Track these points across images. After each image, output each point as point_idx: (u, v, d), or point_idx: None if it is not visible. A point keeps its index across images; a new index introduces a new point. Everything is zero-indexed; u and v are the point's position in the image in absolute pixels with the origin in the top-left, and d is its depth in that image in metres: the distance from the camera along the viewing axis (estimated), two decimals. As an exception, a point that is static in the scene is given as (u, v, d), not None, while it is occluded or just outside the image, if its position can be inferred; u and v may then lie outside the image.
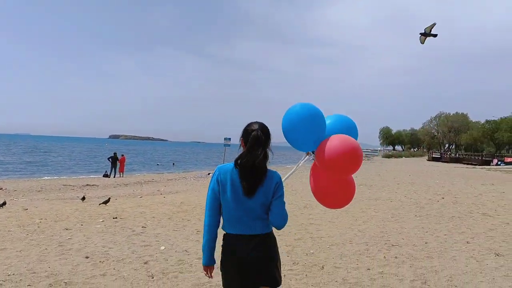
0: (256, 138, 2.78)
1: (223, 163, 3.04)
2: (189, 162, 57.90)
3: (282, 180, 2.94)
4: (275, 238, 2.94)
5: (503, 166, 53.11)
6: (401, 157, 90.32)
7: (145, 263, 5.85)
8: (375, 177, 25.20)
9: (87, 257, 6.03)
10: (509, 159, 59.75)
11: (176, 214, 9.73)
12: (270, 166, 2.94)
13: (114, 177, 26.97)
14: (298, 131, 3.40)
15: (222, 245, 2.88)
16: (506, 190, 17.85)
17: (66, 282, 4.93)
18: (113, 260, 5.93)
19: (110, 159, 27.87)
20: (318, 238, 7.59)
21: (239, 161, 2.81)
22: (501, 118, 66.73)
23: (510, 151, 69.41)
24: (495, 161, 59.02)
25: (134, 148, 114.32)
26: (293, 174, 3.81)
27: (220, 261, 2.88)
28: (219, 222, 2.90)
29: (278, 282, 2.85)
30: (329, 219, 9.62)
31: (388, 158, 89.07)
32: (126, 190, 17.53)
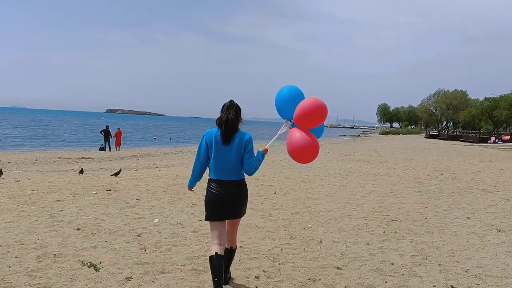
0: (227, 104, 3.94)
1: None
2: (186, 137, 57.61)
3: (268, 144, 4.33)
4: (246, 184, 4.01)
5: (500, 144, 53.07)
6: (399, 134, 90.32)
7: (138, 235, 5.67)
8: (372, 153, 25.04)
9: (78, 229, 5.85)
10: (506, 137, 59.64)
11: (171, 187, 9.55)
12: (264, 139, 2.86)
13: (110, 150, 26.73)
14: (283, 105, 4.45)
15: (206, 187, 3.97)
16: (504, 167, 17.74)
17: (55, 254, 4.75)
18: (105, 232, 5.75)
19: (103, 132, 27.54)
20: (316, 213, 7.43)
21: (217, 121, 3.89)
22: (500, 95, 66.40)
23: (507, 129, 69.32)
24: (492, 138, 58.91)
25: (131, 122, 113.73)
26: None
27: (204, 198, 4.00)
28: (204, 171, 4.01)
29: (242, 214, 4.03)
30: (327, 193, 9.46)
31: (385, 135, 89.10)
32: (122, 163, 17.31)
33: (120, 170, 11.77)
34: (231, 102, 3.96)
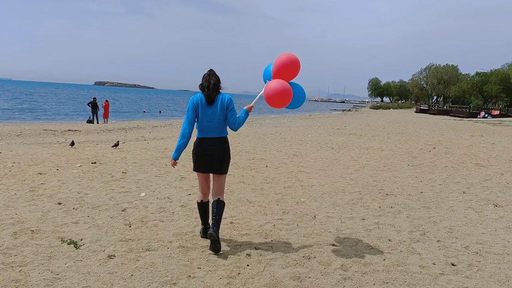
0: (208, 72, 4.33)
1: None
2: (176, 110, 56.91)
3: (252, 102, 4.55)
4: (228, 141, 4.39)
5: (490, 119, 53.34)
6: (389, 108, 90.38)
7: (123, 210, 5.39)
8: (364, 127, 24.87)
9: (59, 203, 5.55)
10: (496, 112, 59.90)
11: (160, 160, 9.24)
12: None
13: (97, 122, 26.22)
14: (266, 74, 4.85)
15: (194, 143, 4.35)
16: (496, 141, 17.68)
17: (33, 231, 4.46)
18: (88, 207, 5.46)
19: (90, 105, 26.96)
20: (309, 187, 7.20)
21: (200, 86, 4.29)
22: (491, 70, 66.28)
23: (496, 104, 69.52)
24: (482, 113, 59.17)
25: (120, 95, 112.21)
26: (282, 124, 5.44)
27: (192, 153, 4.38)
28: (191, 133, 4.28)
29: (224, 171, 4.39)
30: (320, 167, 9.24)
31: (376, 109, 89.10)
32: (109, 136, 16.91)
33: (118, 141, 11.62)
34: (211, 70, 4.36)
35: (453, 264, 4.04)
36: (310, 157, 10.63)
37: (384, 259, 4.10)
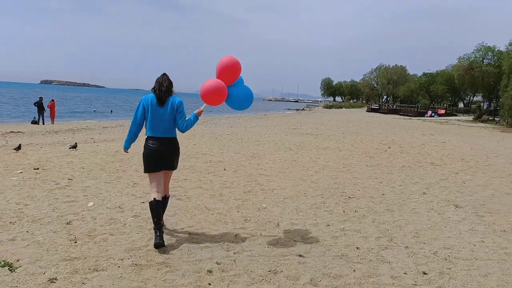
0: (161, 76, 4.52)
1: None
2: (129, 110, 55.23)
3: (202, 107, 4.72)
4: (177, 141, 4.58)
5: (437, 118, 55.57)
6: (341, 108, 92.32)
7: (67, 223, 4.86)
8: (319, 126, 25.06)
9: (-6, 217, 4.94)
10: (442, 111, 62.53)
11: (110, 164, 8.65)
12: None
13: (43, 123, 24.79)
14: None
15: (144, 144, 4.50)
16: (446, 140, 18.24)
17: (-41, 251, 3.88)
18: (28, 221, 4.89)
19: (36, 104, 25.46)
20: (270, 191, 6.92)
21: (152, 89, 4.50)
22: (437, 71, 69.10)
23: (441, 104, 72.56)
24: (429, 112, 61.56)
25: (68, 94, 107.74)
26: (238, 123, 6.05)
27: (142, 153, 4.52)
28: (139, 131, 4.55)
29: (175, 167, 4.65)
30: (279, 169, 8.99)
31: (329, 108, 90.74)
32: (55, 138, 15.92)
33: (76, 143, 11.20)
34: (165, 74, 4.57)
35: (424, 273, 3.87)
36: (268, 159, 10.38)
37: (354, 270, 3.87)
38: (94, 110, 46.75)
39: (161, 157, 4.43)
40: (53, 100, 27.27)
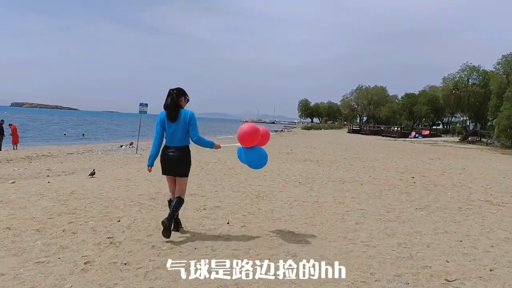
0: (171, 91, 5.06)
1: (139, 131, 15.60)
2: (102, 133, 51.87)
3: (222, 144, 5.97)
4: (189, 150, 5.19)
5: (421, 139, 54.19)
6: (320, 129, 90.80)
7: None
8: (313, 150, 22.54)
9: None
10: (425, 132, 61.49)
11: (56, 218, 5.77)
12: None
13: (0, 149, 21.58)
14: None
15: (161, 150, 5.15)
16: (461, 166, 15.97)
17: None
18: None
19: (-6, 129, 22.27)
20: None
21: (164, 105, 5.09)
22: (419, 91, 68.39)
23: (421, 125, 71.77)
24: (413, 133, 60.33)
25: (39, 116, 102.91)
26: (221, 148, 5.94)
27: (160, 159, 5.14)
28: (161, 142, 5.20)
29: (184, 175, 5.19)
30: (303, 218, 6.31)
31: (308, 130, 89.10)
32: (4, 169, 12.89)
33: (94, 169, 10.33)
34: (168, 91, 5.04)
35: None
36: (280, 200, 7.72)
37: None
38: (65, 134, 43.32)
39: (173, 164, 5.05)
40: (12, 125, 24.12)
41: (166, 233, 4.83)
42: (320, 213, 6.74)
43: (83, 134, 44.28)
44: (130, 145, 25.44)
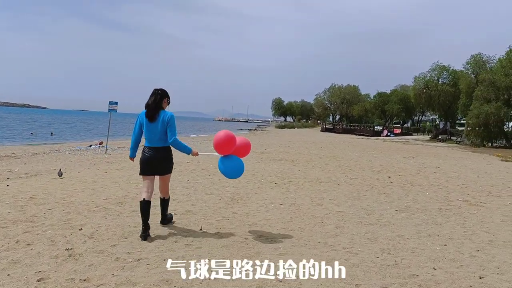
0: (156, 91, 5.15)
1: (108, 130, 17.26)
2: (72, 132, 50.22)
3: (199, 152, 5.51)
4: (170, 150, 5.22)
5: (393, 137, 54.92)
6: (294, 128, 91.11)
7: None
8: (287, 149, 22.30)
9: None
10: (397, 131, 62.40)
11: (10, 227, 5.23)
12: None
13: (-41, 150, 20.42)
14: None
15: (141, 151, 5.20)
16: (435, 164, 16.02)
17: None
18: None
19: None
20: (289, 283, 3.91)
21: (145, 105, 5.13)
22: (391, 90, 69.33)
23: (391, 123, 72.87)
24: (385, 132, 61.12)
25: (5, 115, 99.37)
26: (193, 147, 6.17)
27: (139, 159, 5.19)
28: (139, 141, 5.26)
29: (166, 173, 5.26)
30: (280, 223, 5.98)
31: (282, 128, 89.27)
32: (-39, 171, 12.05)
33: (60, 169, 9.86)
34: (153, 90, 5.14)
35: None
36: (256, 203, 7.37)
37: None
38: (31, 133, 41.63)
39: (154, 163, 5.11)
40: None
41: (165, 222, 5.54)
42: (298, 217, 6.42)
43: (52, 133, 42.73)
44: (99, 144, 24.61)
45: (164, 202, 5.45)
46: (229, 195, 8.00)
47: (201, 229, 5.45)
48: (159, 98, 5.07)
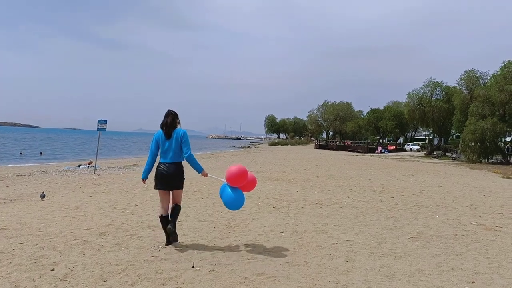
0: (166, 113, 5.62)
1: (97, 150, 16.76)
2: (62, 151, 49.20)
3: (209, 174, 5.88)
4: (182, 165, 5.61)
5: (388, 154, 54.53)
6: (287, 145, 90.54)
7: None
8: (283, 168, 21.66)
9: None
10: (392, 147, 62.05)
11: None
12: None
13: None
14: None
15: (156, 166, 5.61)
16: (437, 183, 15.43)
17: None
18: None
19: None
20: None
21: (161, 124, 5.61)
22: (384, 107, 69.22)
23: (384, 140, 72.66)
24: (379, 148, 60.71)
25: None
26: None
27: (154, 174, 5.54)
28: (155, 160, 5.70)
29: (179, 187, 5.60)
30: (285, 257, 5.31)
31: (275, 145, 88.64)
32: None
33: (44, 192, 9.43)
34: (169, 111, 5.63)
35: None
36: (254, 231, 6.66)
37: None
38: (20, 153, 40.58)
39: (167, 177, 5.46)
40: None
41: (173, 237, 5.48)
42: (302, 248, 5.73)
43: (41, 153, 41.73)
44: (89, 164, 23.81)
45: (176, 208, 5.59)
46: (224, 221, 7.30)
47: (193, 267, 4.74)
48: (173, 118, 5.57)
